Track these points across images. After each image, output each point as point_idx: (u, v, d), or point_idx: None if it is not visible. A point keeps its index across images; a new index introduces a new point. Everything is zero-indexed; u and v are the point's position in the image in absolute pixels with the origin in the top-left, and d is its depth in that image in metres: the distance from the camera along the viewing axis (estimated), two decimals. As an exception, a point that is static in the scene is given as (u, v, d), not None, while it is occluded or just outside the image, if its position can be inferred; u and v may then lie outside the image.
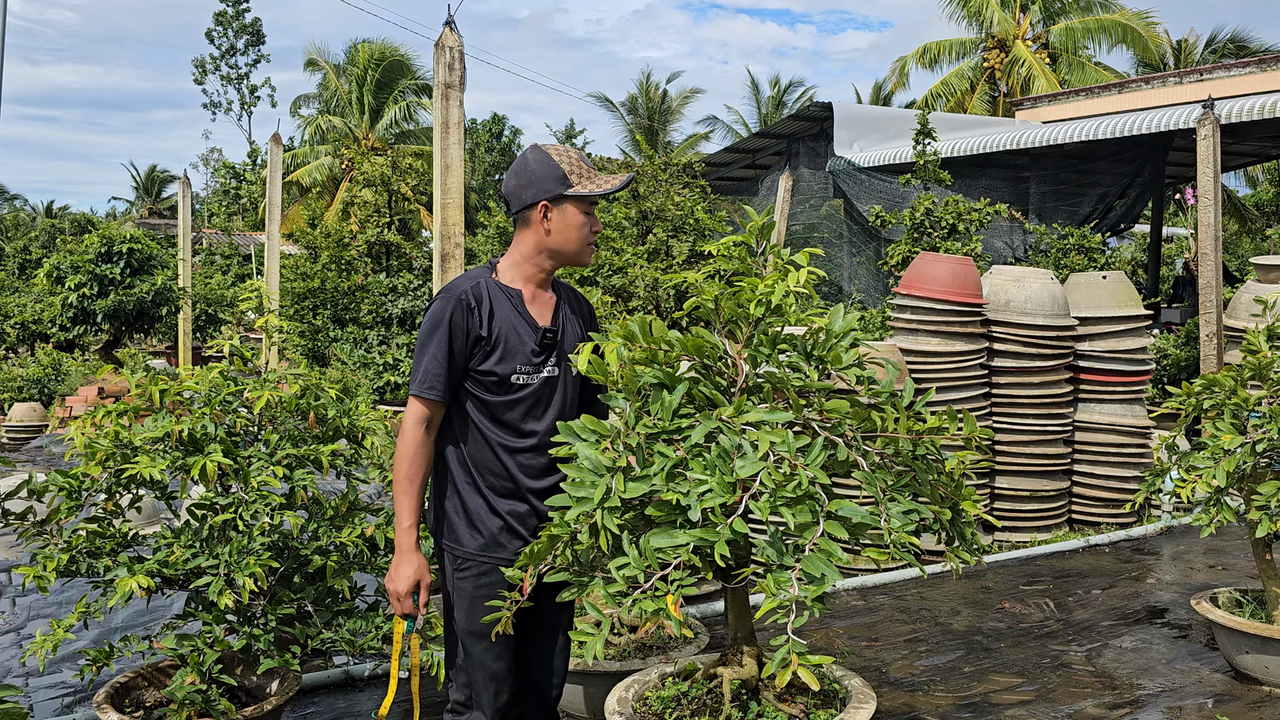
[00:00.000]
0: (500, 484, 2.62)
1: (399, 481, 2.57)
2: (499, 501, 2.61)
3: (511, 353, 2.60)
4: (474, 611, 2.60)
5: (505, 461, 2.61)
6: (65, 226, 29.47)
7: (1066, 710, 3.87)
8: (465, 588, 2.62)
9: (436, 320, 2.56)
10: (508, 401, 2.61)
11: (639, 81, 38.29)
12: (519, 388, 2.61)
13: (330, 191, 30.46)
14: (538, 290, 2.69)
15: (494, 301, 2.61)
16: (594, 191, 2.61)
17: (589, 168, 2.64)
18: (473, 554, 2.61)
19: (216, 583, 3.11)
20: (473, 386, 2.61)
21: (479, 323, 2.57)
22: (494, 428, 2.61)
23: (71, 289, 12.19)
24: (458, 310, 2.56)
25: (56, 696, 4.11)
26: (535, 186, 2.60)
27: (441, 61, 5.41)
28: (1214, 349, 7.64)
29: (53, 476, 3.24)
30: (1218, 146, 7.74)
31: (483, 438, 2.61)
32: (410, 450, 2.57)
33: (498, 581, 2.58)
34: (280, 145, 11.14)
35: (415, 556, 2.58)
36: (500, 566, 2.59)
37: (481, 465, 2.62)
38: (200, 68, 46.77)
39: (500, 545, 2.61)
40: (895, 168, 14.04)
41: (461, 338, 2.56)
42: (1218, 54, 26.26)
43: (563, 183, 2.59)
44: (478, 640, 2.61)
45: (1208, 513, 3.98)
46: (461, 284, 2.63)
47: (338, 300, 11.95)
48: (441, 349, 2.55)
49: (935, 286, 6.19)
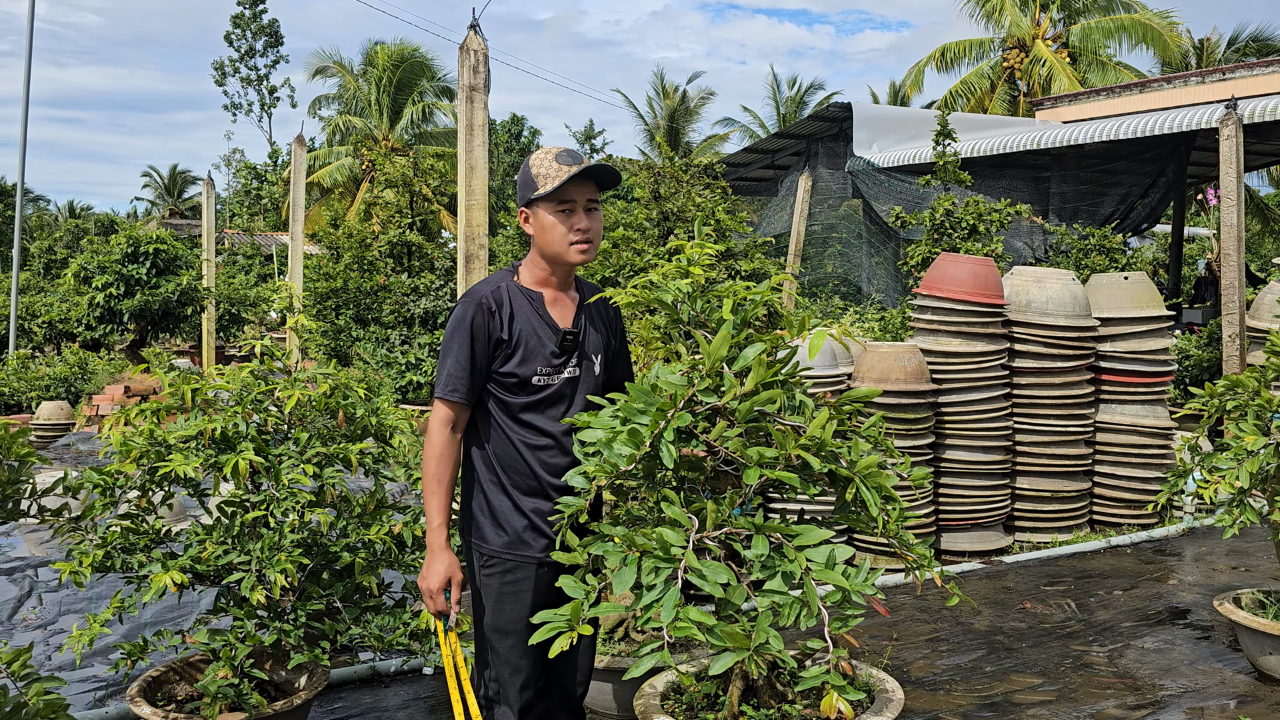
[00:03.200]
0: (525, 482, 2.66)
1: (428, 481, 2.62)
2: (524, 500, 2.65)
3: (532, 355, 2.64)
4: (500, 608, 2.65)
5: (529, 460, 2.65)
6: (89, 227, 29.78)
7: (1088, 710, 3.88)
8: (491, 585, 2.66)
9: (458, 324, 2.62)
10: (529, 402, 2.66)
11: (654, 83, 38.35)
12: (540, 388, 2.66)
13: (351, 193, 30.65)
14: (559, 293, 2.73)
15: (514, 305, 2.66)
16: (547, 190, 2.61)
17: (565, 167, 2.62)
18: (498, 551, 2.66)
19: (248, 578, 3.16)
20: (495, 388, 2.66)
21: (500, 326, 2.62)
22: (517, 428, 2.66)
23: (99, 289, 12.31)
24: (479, 314, 2.61)
25: (88, 690, 4.18)
26: (519, 195, 2.69)
27: (466, 64, 5.46)
28: (1237, 350, 7.61)
29: (88, 474, 3.31)
30: (1240, 146, 7.71)
31: (506, 437, 2.66)
32: (437, 451, 2.61)
33: (523, 578, 2.64)
34: (304, 146, 11.24)
35: (446, 554, 2.61)
36: (525, 564, 2.64)
37: (506, 464, 2.67)
38: (220, 70, 47.11)
39: (525, 544, 2.65)
40: (914, 168, 14.03)
41: (483, 341, 2.61)
42: (1240, 53, 26.07)
43: (531, 187, 2.64)
44: (504, 637, 2.66)
45: (1230, 513, 3.97)
46: (483, 288, 2.68)
47: (360, 300, 12.03)
48: (464, 352, 2.60)
49: (956, 287, 6.19)
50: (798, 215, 11.94)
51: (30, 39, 14.48)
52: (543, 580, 2.66)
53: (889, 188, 14.19)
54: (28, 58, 14.49)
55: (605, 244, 8.33)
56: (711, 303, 2.71)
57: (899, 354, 5.92)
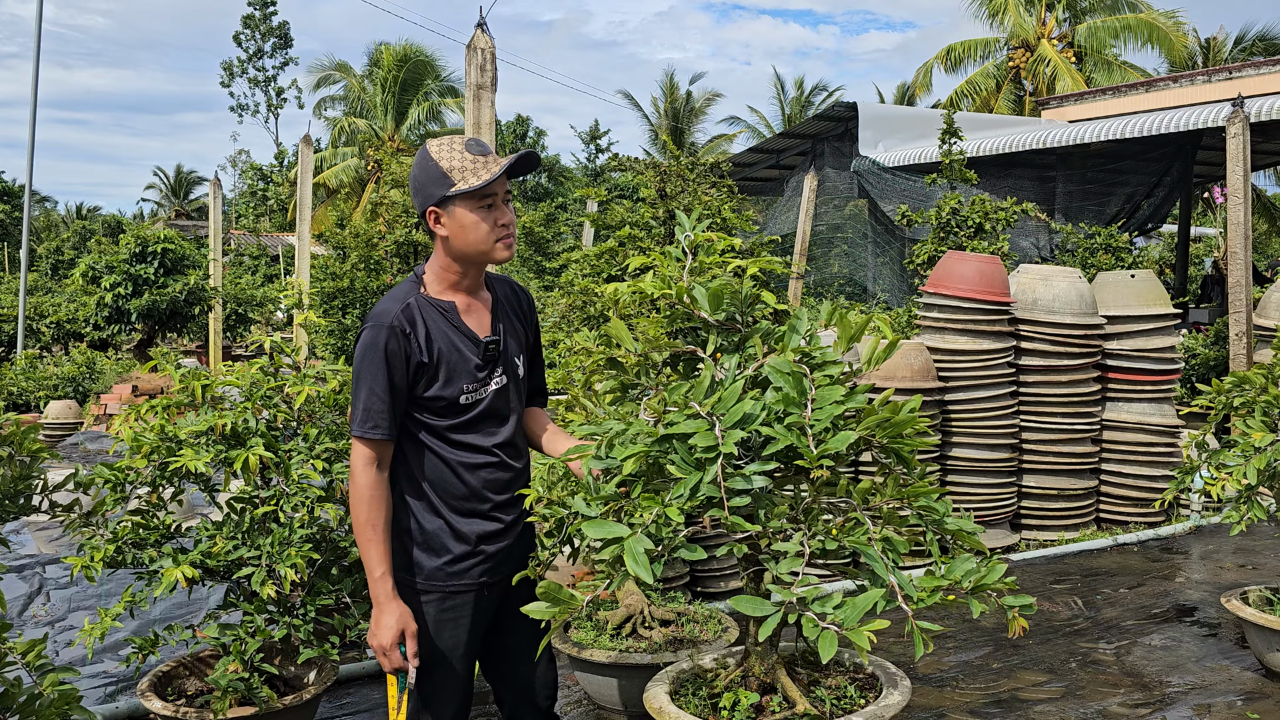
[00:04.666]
0: (464, 505, 2.47)
1: (360, 528, 2.38)
2: (462, 522, 2.47)
3: (455, 373, 2.44)
4: (438, 635, 2.48)
5: (468, 479, 2.47)
6: (96, 228, 29.88)
7: (1095, 707, 3.89)
8: (429, 612, 2.48)
9: (368, 352, 2.37)
10: (460, 422, 2.46)
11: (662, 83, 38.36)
12: (469, 407, 2.47)
13: (356, 194, 30.71)
14: (471, 298, 2.51)
15: (428, 322, 2.42)
16: (474, 185, 2.35)
17: (480, 157, 2.39)
18: (435, 581, 2.47)
19: (259, 573, 3.18)
20: (420, 413, 2.45)
21: (418, 349, 2.39)
22: (450, 449, 2.46)
23: (107, 289, 12.36)
24: (392, 339, 2.36)
25: (98, 686, 4.20)
26: (421, 194, 2.42)
27: (473, 63, 5.48)
28: (1243, 348, 7.60)
29: (99, 470, 3.33)
30: (1247, 145, 7.70)
31: (439, 459, 2.46)
32: (366, 494, 2.38)
33: (462, 604, 2.49)
34: (310, 146, 11.27)
35: (395, 605, 2.38)
36: (464, 590, 2.49)
37: (440, 487, 2.46)
38: (228, 71, 47.27)
39: (465, 570, 2.49)
40: (920, 167, 14.02)
41: (401, 367, 2.38)
42: (1247, 52, 26.02)
43: (443, 183, 2.37)
44: (439, 663, 2.49)
45: (1238, 510, 3.97)
46: (390, 307, 2.41)
47: (366, 300, 12.04)
48: (380, 383, 2.36)
49: (963, 285, 6.20)
50: (803, 214, 11.95)
51: (38, 41, 14.55)
52: (483, 604, 2.53)
53: (895, 187, 14.18)
54: (35, 60, 14.56)
55: (611, 242, 8.34)
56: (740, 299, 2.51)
57: (905, 351, 5.92)
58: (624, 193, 25.09)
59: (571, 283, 8.10)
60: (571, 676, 4.09)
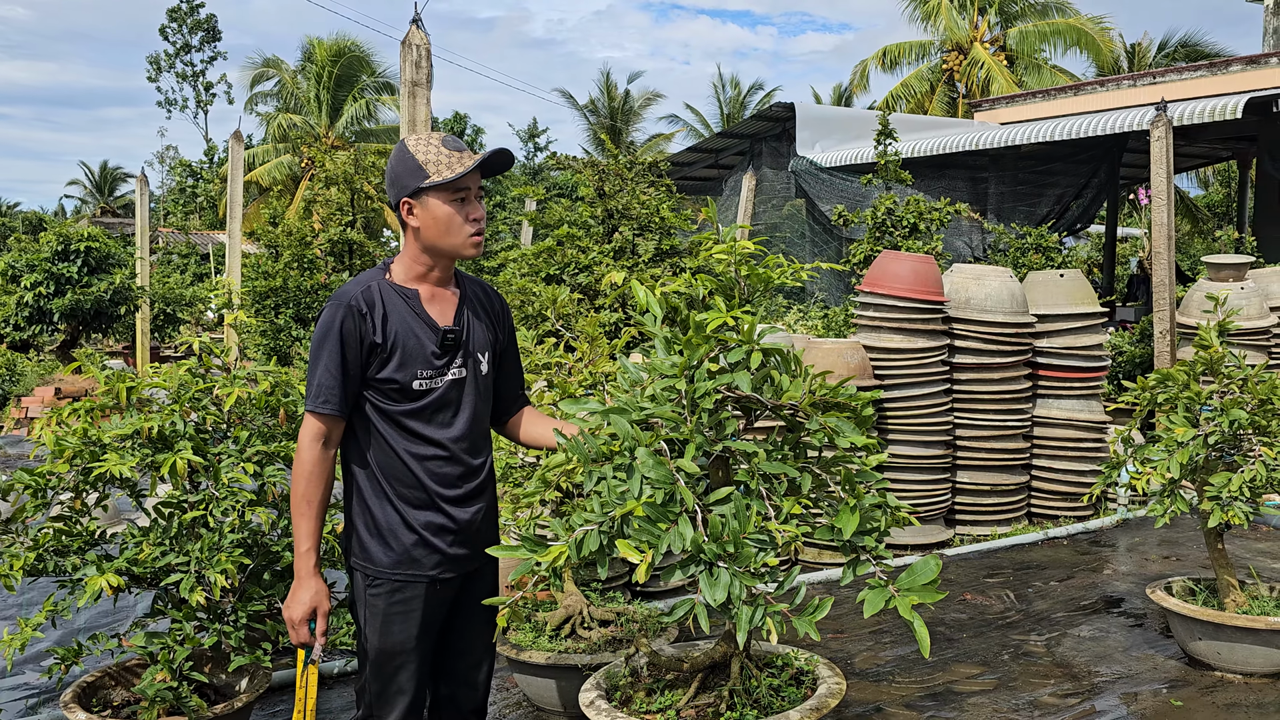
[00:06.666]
0: (413, 494, 2.49)
1: (296, 502, 2.44)
2: (412, 513, 2.48)
3: (411, 357, 2.46)
4: (388, 629, 2.48)
5: (415, 470, 2.48)
6: (16, 225, 28.96)
7: (1027, 698, 3.96)
8: (378, 605, 2.49)
9: (326, 329, 2.43)
10: (413, 409, 2.48)
11: (600, 82, 38.33)
12: (423, 394, 2.48)
13: (290, 191, 30.15)
14: (436, 289, 2.55)
15: (387, 305, 2.47)
16: (448, 178, 2.42)
17: (455, 153, 2.46)
18: (385, 570, 2.48)
19: (187, 579, 3.10)
20: (373, 395, 2.48)
21: (372, 329, 2.43)
22: (400, 436, 2.48)
23: (27, 288, 11.99)
24: (349, 317, 2.42)
25: (19, 698, 4.06)
26: (396, 185, 2.48)
27: (409, 59, 5.41)
28: (1168, 345, 7.81)
29: (18, 475, 3.22)
30: (1170, 148, 7.92)
31: (390, 447, 2.48)
32: (307, 469, 2.44)
33: (413, 597, 2.49)
34: (241, 142, 11.04)
35: (314, 582, 2.46)
36: (415, 582, 2.49)
37: (391, 476, 2.49)
38: (155, 65, 46.15)
39: (415, 561, 2.48)
40: (857, 168, 14.18)
41: (355, 346, 2.43)
42: (1170, 58, 26.79)
43: (418, 175, 2.44)
44: (390, 658, 2.50)
45: (1162, 504, 4.08)
46: (351, 289, 2.48)
47: (300, 299, 11.86)
48: (334, 360, 2.42)
49: (898, 284, 6.28)
50: (742, 214, 12.02)
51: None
52: (434, 598, 2.52)
53: (832, 187, 14.32)
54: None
55: (550, 241, 8.30)
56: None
57: (842, 350, 5.99)
58: (563, 191, 24.99)
59: (509, 282, 8.05)
60: (511, 679, 4.06)
